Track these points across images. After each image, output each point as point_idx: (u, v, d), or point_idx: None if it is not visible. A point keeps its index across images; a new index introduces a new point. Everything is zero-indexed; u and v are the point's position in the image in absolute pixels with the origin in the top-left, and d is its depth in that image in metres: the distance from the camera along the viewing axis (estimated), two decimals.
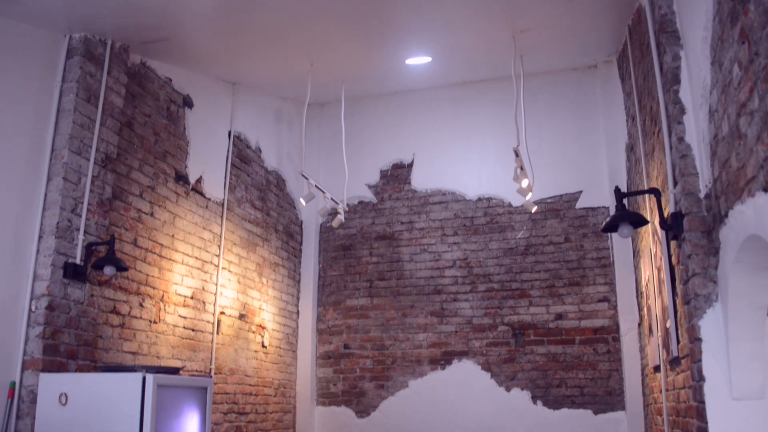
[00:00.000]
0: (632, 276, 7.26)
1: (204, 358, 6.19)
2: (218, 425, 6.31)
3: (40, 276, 4.53)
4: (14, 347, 4.37)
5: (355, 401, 8.04)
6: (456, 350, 7.84)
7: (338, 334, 8.27)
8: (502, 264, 7.89)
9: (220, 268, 6.57)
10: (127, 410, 3.88)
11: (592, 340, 7.51)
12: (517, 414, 7.48)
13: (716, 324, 3.14)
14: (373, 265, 8.32)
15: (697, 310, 3.19)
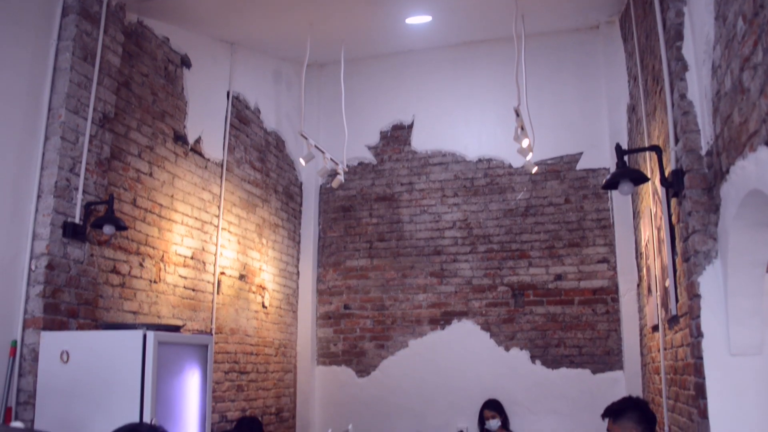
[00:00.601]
0: (632, 237, 7.26)
1: (204, 317, 6.22)
2: (219, 384, 6.36)
3: (40, 235, 4.52)
4: (15, 306, 4.38)
5: (355, 361, 8.10)
6: (455, 310, 7.87)
7: (338, 295, 8.30)
8: (502, 225, 7.89)
9: (220, 228, 6.57)
10: (128, 367, 3.90)
11: (591, 300, 7.54)
12: (516, 373, 7.54)
13: (715, 280, 3.14)
14: (373, 227, 8.32)
15: (697, 267, 3.19)
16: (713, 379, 3.12)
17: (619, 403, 4.12)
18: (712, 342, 3.15)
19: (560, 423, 7.33)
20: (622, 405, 4.07)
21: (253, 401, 6.97)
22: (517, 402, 7.45)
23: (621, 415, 3.90)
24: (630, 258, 7.26)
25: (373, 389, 7.95)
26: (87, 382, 3.98)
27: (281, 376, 7.69)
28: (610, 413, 3.96)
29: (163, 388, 4.02)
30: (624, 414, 3.90)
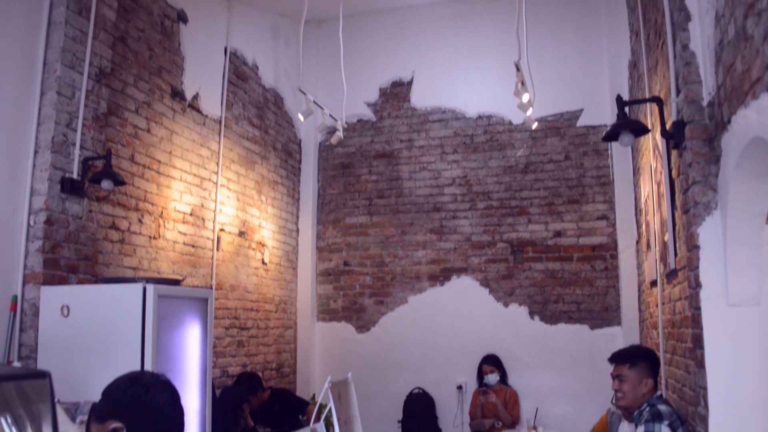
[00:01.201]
0: (631, 194, 7.26)
1: (204, 274, 6.24)
2: (220, 339, 6.40)
3: (38, 191, 4.50)
4: (15, 262, 4.38)
5: (355, 317, 8.16)
6: (455, 267, 7.90)
7: (338, 252, 8.32)
8: (502, 182, 7.88)
9: (219, 185, 6.55)
10: (128, 320, 3.92)
11: (590, 257, 7.56)
12: (515, 329, 7.60)
13: (715, 231, 3.14)
14: (373, 184, 8.31)
15: (696, 218, 3.19)
16: (711, 329, 3.13)
17: (634, 349, 4.09)
18: (710, 293, 3.15)
19: (558, 378, 7.41)
20: (637, 352, 4.03)
21: (254, 357, 7.03)
22: (516, 357, 7.51)
23: (637, 361, 3.88)
24: (629, 215, 7.26)
25: (372, 345, 8.01)
26: (88, 336, 4.00)
27: (281, 332, 7.74)
28: (627, 359, 3.91)
29: (163, 341, 4.04)
30: (640, 361, 3.88)
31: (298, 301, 8.19)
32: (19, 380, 1.43)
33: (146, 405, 2.27)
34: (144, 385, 2.32)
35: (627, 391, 3.82)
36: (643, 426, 3.58)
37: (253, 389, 6.24)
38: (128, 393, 2.29)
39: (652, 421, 3.56)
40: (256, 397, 6.24)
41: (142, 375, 2.42)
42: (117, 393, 2.30)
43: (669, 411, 3.60)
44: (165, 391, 2.35)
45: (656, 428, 3.53)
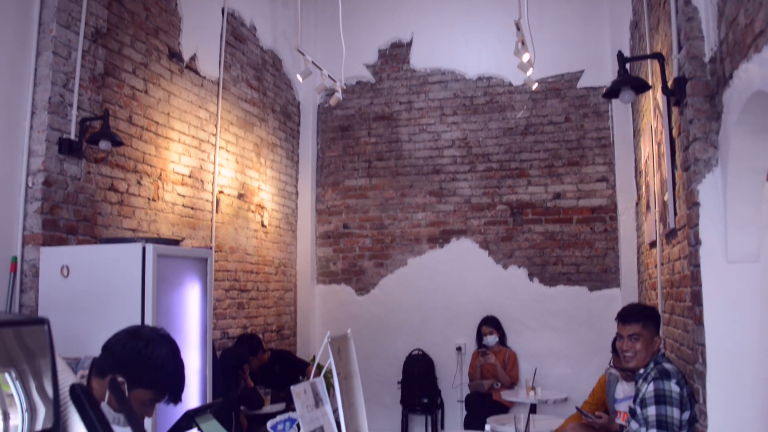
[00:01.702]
0: (631, 156, 7.23)
1: (204, 236, 6.24)
2: (220, 301, 6.43)
3: (35, 152, 4.48)
4: (14, 223, 4.37)
5: (354, 279, 8.18)
6: (454, 229, 7.91)
7: (337, 214, 8.32)
8: (502, 144, 7.85)
9: (218, 147, 6.52)
10: (128, 280, 3.92)
11: (590, 219, 7.56)
12: (514, 291, 7.63)
13: (715, 188, 3.12)
14: (372, 146, 8.28)
15: (697, 175, 3.18)
16: (710, 286, 3.13)
17: (642, 308, 4.04)
18: (709, 249, 3.15)
19: (557, 339, 7.45)
20: (647, 310, 3.96)
21: (254, 319, 7.06)
22: (515, 319, 7.55)
23: (648, 320, 3.83)
24: (629, 177, 7.25)
25: (372, 307, 8.05)
26: (88, 296, 4.01)
27: (281, 294, 7.76)
28: (640, 317, 3.85)
29: (163, 301, 4.05)
30: (650, 319, 3.84)
31: (298, 264, 8.20)
32: (18, 326, 1.43)
33: (147, 358, 2.28)
34: (144, 339, 2.33)
35: (640, 350, 3.74)
36: (652, 384, 3.58)
37: (253, 350, 6.28)
38: (128, 347, 2.30)
39: (660, 379, 3.56)
40: (256, 358, 6.29)
41: (142, 329, 2.43)
42: (117, 347, 2.31)
43: (675, 369, 3.60)
44: (165, 345, 2.36)
45: (665, 385, 3.53)
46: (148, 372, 2.27)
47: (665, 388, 3.51)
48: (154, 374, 2.29)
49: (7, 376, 1.44)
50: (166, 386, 2.35)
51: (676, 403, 3.49)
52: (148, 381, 2.27)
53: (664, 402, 3.50)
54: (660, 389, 3.53)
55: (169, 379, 2.35)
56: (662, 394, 3.52)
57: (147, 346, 2.31)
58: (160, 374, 2.31)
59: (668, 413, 3.49)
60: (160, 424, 3.61)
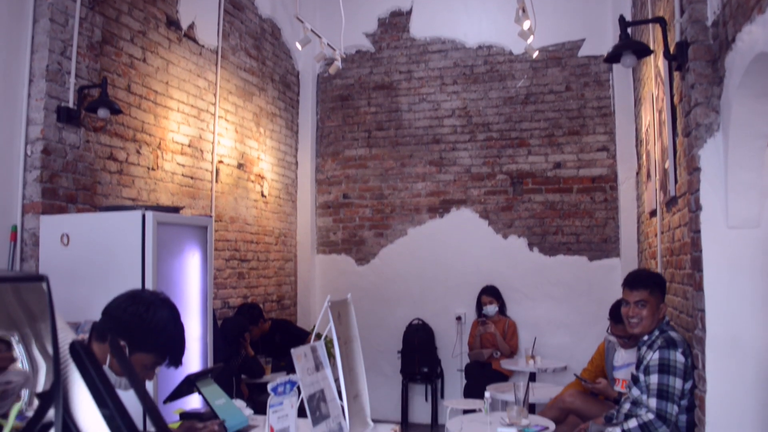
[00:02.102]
0: (632, 125, 7.20)
1: (204, 205, 6.23)
2: (221, 271, 6.44)
3: (34, 120, 4.46)
4: (13, 192, 4.36)
5: (354, 249, 8.19)
6: (454, 199, 7.90)
7: (337, 184, 8.31)
8: (502, 113, 7.82)
9: (217, 116, 6.49)
10: (128, 248, 3.92)
11: (590, 188, 7.55)
12: (514, 260, 7.63)
13: (716, 153, 3.11)
14: (372, 115, 8.25)
15: (698, 141, 3.16)
16: (710, 251, 3.13)
17: (649, 273, 4.02)
18: (710, 215, 3.14)
19: (556, 308, 7.48)
20: (654, 276, 3.93)
21: (255, 288, 7.07)
22: (515, 288, 7.57)
23: (656, 286, 3.81)
24: (630, 146, 7.23)
25: (372, 277, 8.07)
26: (88, 264, 4.01)
27: (282, 264, 7.78)
28: (648, 283, 3.80)
29: (164, 268, 4.05)
30: (657, 286, 3.83)
31: (298, 234, 8.21)
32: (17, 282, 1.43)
33: (147, 322, 2.29)
34: (144, 302, 2.33)
35: (646, 317, 3.74)
36: (658, 352, 3.59)
37: (253, 319, 6.30)
38: (129, 311, 2.30)
39: (666, 348, 3.56)
40: (257, 327, 6.32)
41: (142, 293, 2.43)
42: (118, 311, 2.31)
43: (681, 338, 3.61)
44: (165, 309, 2.36)
45: (671, 355, 3.54)
46: (149, 335, 2.28)
47: (670, 358, 3.52)
48: (155, 338, 2.29)
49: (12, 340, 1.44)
50: (166, 349, 2.35)
51: (679, 374, 3.51)
52: (149, 344, 2.28)
53: (667, 371, 3.52)
54: (665, 358, 3.54)
55: (170, 342, 2.35)
56: (667, 364, 3.53)
57: (147, 309, 2.31)
58: (161, 338, 2.31)
59: (670, 383, 3.50)
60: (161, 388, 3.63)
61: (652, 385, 3.55)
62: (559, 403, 4.99)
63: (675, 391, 3.49)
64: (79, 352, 1.32)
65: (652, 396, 3.54)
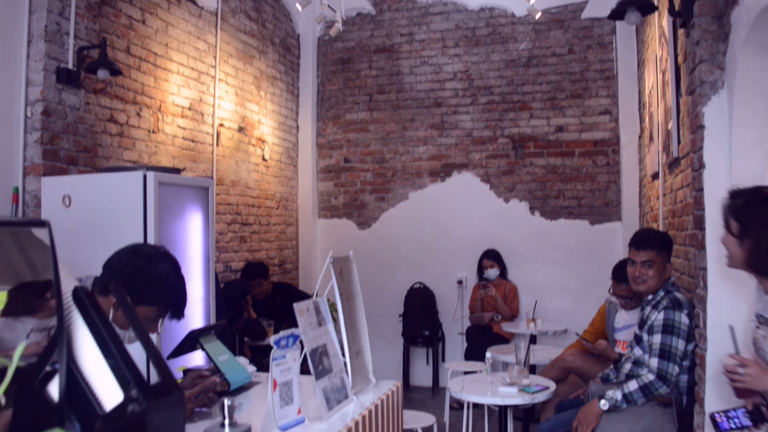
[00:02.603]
0: (635, 88, 7.17)
1: (205, 169, 6.22)
2: (222, 235, 6.44)
3: (33, 81, 4.42)
4: (14, 153, 4.34)
5: (356, 213, 8.19)
6: (456, 162, 7.88)
7: (338, 148, 8.28)
8: (504, 76, 7.76)
9: (217, 79, 6.45)
10: (130, 208, 3.92)
11: (592, 152, 7.52)
12: (515, 224, 7.64)
13: (720, 111, 3.09)
14: (373, 79, 8.19)
15: (702, 98, 3.14)
16: (713, 210, 3.11)
17: (657, 233, 3.97)
18: (713, 173, 3.13)
19: (557, 272, 7.49)
20: (661, 236, 3.87)
21: (256, 252, 7.08)
22: (516, 252, 7.58)
23: (663, 246, 3.76)
24: (632, 109, 7.19)
25: (374, 241, 8.07)
26: (90, 225, 4.00)
27: (283, 228, 7.78)
28: (656, 243, 3.75)
29: (165, 229, 4.05)
30: (665, 246, 3.78)
31: (299, 198, 8.20)
32: (18, 227, 1.43)
33: (149, 275, 2.29)
34: (145, 256, 2.34)
35: (652, 277, 3.72)
36: (663, 313, 3.59)
37: (263, 273, 6.36)
38: (130, 264, 2.31)
39: (672, 309, 3.57)
40: (265, 281, 6.38)
41: (143, 247, 2.44)
42: (119, 265, 2.32)
43: (686, 300, 3.61)
44: (166, 261, 2.37)
45: (676, 316, 3.55)
46: (151, 288, 2.28)
47: (675, 319, 3.53)
48: (157, 290, 2.30)
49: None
50: (168, 302, 2.36)
51: (683, 335, 3.52)
52: (151, 297, 2.29)
53: (671, 332, 3.53)
54: (670, 319, 3.55)
55: (172, 294, 2.36)
56: (671, 325, 3.54)
57: (149, 263, 2.31)
58: (163, 290, 2.32)
59: (673, 344, 3.52)
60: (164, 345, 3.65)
61: (655, 345, 3.56)
62: (560, 362, 5.03)
63: (677, 352, 3.51)
64: (83, 298, 1.32)
65: (653, 356, 3.56)
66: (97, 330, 1.29)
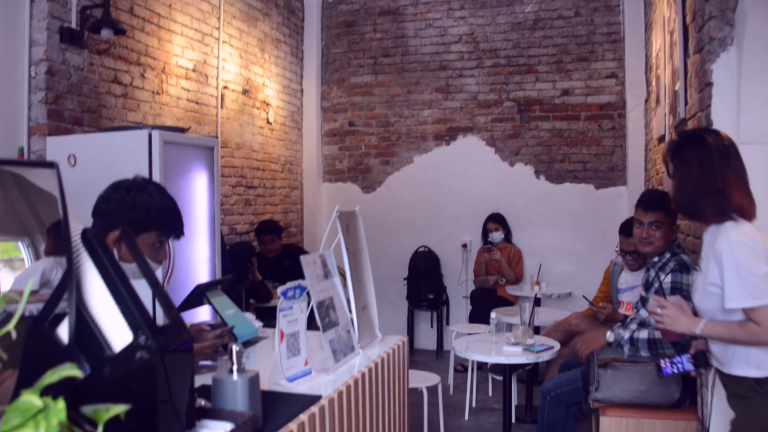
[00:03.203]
0: (642, 51, 7.11)
1: (209, 131, 6.20)
2: (227, 197, 6.45)
3: (37, 41, 4.40)
4: (19, 114, 4.34)
5: (360, 177, 8.18)
6: (461, 126, 7.84)
7: (343, 112, 8.24)
8: (510, 39, 7.70)
9: (221, 41, 6.41)
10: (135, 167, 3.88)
11: (598, 116, 7.48)
12: (520, 188, 7.62)
13: (729, 68, 3.06)
14: (377, 42, 8.13)
15: (711, 55, 3.11)
16: None
17: (663, 194, 3.92)
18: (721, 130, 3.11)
19: (562, 236, 7.50)
20: (667, 197, 3.83)
21: (261, 216, 7.09)
22: (521, 216, 7.58)
23: (670, 208, 3.72)
24: (639, 72, 7.14)
25: (378, 204, 8.07)
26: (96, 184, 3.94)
27: (288, 192, 7.78)
28: (663, 204, 3.64)
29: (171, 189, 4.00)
30: (671, 208, 3.74)
31: (304, 162, 8.19)
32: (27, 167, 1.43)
33: (136, 203, 2.31)
34: (125, 187, 2.36)
35: (659, 238, 3.69)
36: (671, 275, 3.59)
37: (277, 231, 6.46)
38: (113, 199, 2.32)
39: (679, 272, 3.56)
40: (278, 239, 6.48)
41: (122, 181, 2.44)
42: (103, 205, 2.33)
43: (692, 262, 3.60)
44: (148, 186, 2.39)
45: (683, 278, 3.54)
46: (141, 214, 2.30)
47: (683, 281, 3.53)
48: (147, 214, 2.32)
49: (20, 244, 1.44)
50: (164, 222, 2.38)
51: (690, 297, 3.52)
52: (145, 223, 2.30)
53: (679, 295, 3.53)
54: (678, 282, 3.55)
55: (164, 213, 2.38)
56: (679, 287, 3.54)
57: (129, 192, 2.33)
58: (153, 212, 2.33)
59: None
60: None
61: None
62: (564, 325, 5.05)
63: None
64: (91, 239, 1.33)
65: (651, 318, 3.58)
66: (106, 272, 1.30)
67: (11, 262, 1.42)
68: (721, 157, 2.44)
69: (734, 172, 2.45)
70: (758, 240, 2.38)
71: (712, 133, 2.52)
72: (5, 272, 1.38)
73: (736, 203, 2.41)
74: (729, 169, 2.43)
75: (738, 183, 2.44)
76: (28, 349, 1.31)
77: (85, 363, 1.31)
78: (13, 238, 1.44)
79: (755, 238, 2.38)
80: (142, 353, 1.26)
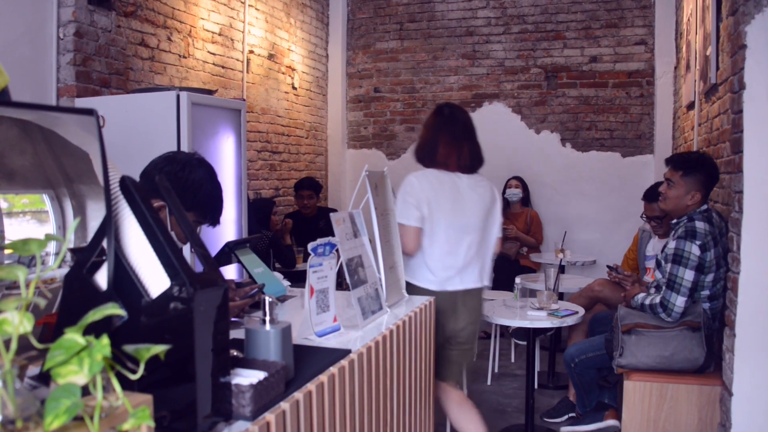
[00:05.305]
0: (672, 17, 6.99)
1: (235, 95, 6.21)
2: (253, 162, 6.47)
3: (65, 2, 4.41)
4: (47, 75, 4.37)
5: (385, 144, 8.16)
6: (487, 93, 7.79)
7: (368, 78, 8.21)
8: (538, 4, 7.60)
9: (247, 5, 6.39)
10: (163, 128, 3.94)
11: (626, 83, 7.40)
12: (546, 155, 7.57)
13: (764, 29, 3.00)
14: (404, 7, 8.06)
15: (745, 17, 3.05)
16: (751, 131, 3.05)
17: (695, 158, 3.89)
18: (754, 94, 3.05)
19: (587, 204, 7.46)
20: (696, 161, 3.76)
21: (286, 181, 7.12)
22: (545, 184, 7.54)
23: (693, 172, 3.71)
24: (669, 39, 7.03)
25: (403, 171, 7.88)
26: (124, 145, 4.02)
27: (312, 158, 7.79)
28: (682, 165, 3.72)
29: (199, 150, 4.06)
30: (695, 172, 3.71)
31: (329, 128, 8.19)
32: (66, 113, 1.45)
33: (184, 181, 2.31)
34: (180, 162, 2.36)
35: (669, 198, 3.76)
36: (675, 242, 3.60)
37: (316, 188, 6.54)
38: (165, 170, 2.32)
39: (684, 239, 3.56)
40: (316, 197, 6.53)
41: (178, 154, 2.46)
42: (154, 172, 2.33)
43: (705, 230, 3.57)
44: (201, 167, 2.39)
45: (686, 246, 3.54)
46: (187, 194, 2.30)
47: (685, 249, 3.53)
48: (194, 196, 2.32)
49: (45, 197, 1.47)
50: (206, 207, 2.39)
51: (691, 266, 3.51)
52: (188, 203, 2.30)
53: (679, 263, 3.55)
54: (680, 249, 3.56)
55: (208, 199, 2.39)
56: (680, 255, 3.55)
57: (183, 169, 2.33)
58: (199, 195, 2.34)
59: (679, 274, 3.53)
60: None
61: (665, 274, 3.62)
62: (588, 291, 5.05)
63: (684, 283, 3.52)
64: (129, 186, 1.35)
65: (663, 284, 3.63)
66: (144, 218, 1.32)
67: (37, 214, 1.45)
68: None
69: None
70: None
71: None
72: (32, 224, 1.41)
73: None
74: None
75: None
76: (67, 293, 1.33)
77: (123, 308, 1.33)
78: (39, 191, 1.47)
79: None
80: (179, 300, 1.28)
